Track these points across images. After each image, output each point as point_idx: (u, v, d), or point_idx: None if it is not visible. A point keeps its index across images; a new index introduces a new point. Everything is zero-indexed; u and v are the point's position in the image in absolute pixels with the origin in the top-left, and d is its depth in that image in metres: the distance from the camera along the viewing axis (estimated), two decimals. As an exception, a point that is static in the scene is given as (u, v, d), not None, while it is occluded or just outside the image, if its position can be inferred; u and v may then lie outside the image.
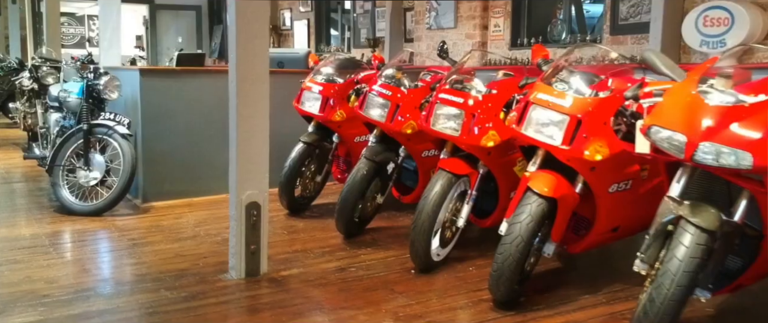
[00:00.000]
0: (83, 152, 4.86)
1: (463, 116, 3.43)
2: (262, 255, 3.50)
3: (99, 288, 3.31)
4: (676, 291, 2.22)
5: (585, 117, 2.85)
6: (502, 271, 2.88)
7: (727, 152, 2.20)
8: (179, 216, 4.82)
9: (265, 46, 3.42)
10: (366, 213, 4.26)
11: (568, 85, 2.99)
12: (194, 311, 3.00)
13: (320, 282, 3.40)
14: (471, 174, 3.52)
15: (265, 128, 3.44)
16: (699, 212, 2.31)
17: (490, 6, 6.87)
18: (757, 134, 2.19)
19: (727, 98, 2.32)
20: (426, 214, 3.40)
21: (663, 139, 2.37)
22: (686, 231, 2.27)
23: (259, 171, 3.44)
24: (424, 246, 3.44)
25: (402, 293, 3.24)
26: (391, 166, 4.18)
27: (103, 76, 5.03)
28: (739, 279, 2.59)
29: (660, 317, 2.25)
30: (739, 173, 2.25)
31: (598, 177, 2.94)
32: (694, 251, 2.23)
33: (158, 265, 3.66)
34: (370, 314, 2.97)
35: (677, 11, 4.87)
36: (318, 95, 4.65)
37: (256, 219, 3.45)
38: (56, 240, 4.21)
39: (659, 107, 2.46)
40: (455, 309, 3.05)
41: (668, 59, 2.66)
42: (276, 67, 6.21)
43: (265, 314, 2.99)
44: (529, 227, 2.85)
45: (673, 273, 2.23)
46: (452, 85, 3.58)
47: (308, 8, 10.39)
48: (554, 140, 2.90)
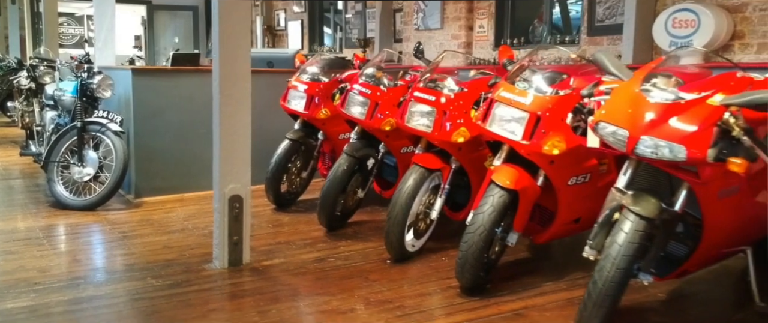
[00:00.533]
0: (77, 148, 5.05)
1: (435, 113, 3.61)
2: (245, 245, 3.68)
3: (89, 277, 3.50)
4: (616, 273, 2.40)
5: (544, 114, 3.03)
6: (466, 258, 3.06)
7: (663, 145, 2.38)
8: (169, 210, 5.00)
9: (246, 47, 3.60)
10: (347, 207, 4.44)
11: (529, 84, 3.17)
12: (177, 297, 3.18)
13: (299, 271, 3.58)
14: (443, 169, 3.70)
15: (247, 125, 3.62)
16: (640, 202, 2.49)
17: (475, 7, 7.05)
18: (691, 128, 2.36)
19: (667, 95, 2.50)
20: (399, 206, 3.58)
21: (609, 134, 2.54)
22: (627, 219, 2.45)
23: (241, 166, 3.63)
24: (398, 237, 3.62)
25: (376, 281, 3.42)
26: (371, 161, 4.36)
27: (97, 76, 5.21)
28: (684, 265, 2.76)
29: (602, 298, 2.43)
30: (676, 165, 2.42)
31: (557, 171, 3.12)
32: (633, 236, 2.41)
33: (146, 256, 3.85)
34: (343, 299, 3.15)
35: (649, 13, 5.05)
36: (303, 93, 4.82)
37: (239, 211, 3.63)
38: (50, 233, 4.38)
39: (606, 104, 2.64)
40: (424, 294, 3.23)
41: (616, 60, 2.84)
42: (266, 67, 6.41)
43: (244, 300, 3.18)
44: (492, 217, 3.03)
45: (613, 257, 2.41)
46: (426, 84, 3.76)
47: (302, 9, 10.57)
48: (515, 135, 3.07)
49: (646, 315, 2.98)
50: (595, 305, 2.46)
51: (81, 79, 5.21)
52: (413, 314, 2.96)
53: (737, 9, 4.86)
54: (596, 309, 2.46)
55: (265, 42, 11.40)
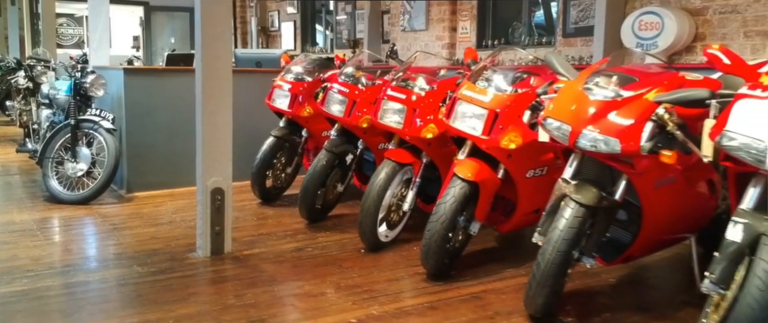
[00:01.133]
0: (71, 145, 5.26)
1: (405, 110, 3.82)
2: (226, 235, 3.89)
3: (79, 265, 3.71)
4: (557, 256, 2.61)
5: (502, 111, 3.24)
6: (429, 246, 3.28)
7: (601, 139, 2.59)
8: (159, 204, 5.22)
9: (228, 48, 3.81)
10: (328, 201, 4.65)
11: (489, 83, 3.38)
12: (161, 283, 3.39)
13: (278, 260, 3.79)
14: (414, 163, 3.91)
15: (228, 122, 3.83)
16: (581, 191, 2.70)
17: (458, 9, 7.27)
18: (626, 123, 2.58)
19: (607, 93, 2.71)
20: (371, 199, 3.79)
21: (554, 129, 2.76)
22: (568, 206, 2.67)
23: (223, 160, 3.84)
24: (370, 227, 3.84)
25: (349, 268, 3.63)
26: (350, 157, 4.57)
27: (90, 75, 5.43)
28: (628, 250, 2.97)
29: (545, 278, 2.65)
30: (613, 157, 2.64)
31: (515, 164, 3.33)
32: (573, 222, 2.63)
33: (134, 246, 4.06)
34: (315, 284, 3.36)
35: (618, 16, 5.26)
36: (287, 92, 5.03)
37: (221, 203, 3.84)
38: (44, 225, 4.60)
39: (553, 101, 2.85)
40: (392, 280, 3.44)
41: (564, 61, 3.05)
42: (254, 67, 6.63)
43: (223, 285, 3.40)
44: (453, 207, 3.24)
45: (554, 241, 2.63)
46: (398, 83, 3.97)
47: (295, 10, 10.79)
48: (476, 131, 3.29)
49: (595, 298, 3.20)
50: (538, 285, 2.68)
51: (75, 78, 5.42)
52: (379, 297, 3.17)
53: (699, 12, 5.08)
54: (540, 288, 2.68)
55: (260, 42, 11.61)
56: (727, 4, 4.92)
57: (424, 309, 3.04)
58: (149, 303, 3.12)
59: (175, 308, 3.03)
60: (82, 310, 3.03)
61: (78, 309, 3.05)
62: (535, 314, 2.83)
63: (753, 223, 2.12)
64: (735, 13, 4.90)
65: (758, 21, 4.77)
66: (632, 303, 3.13)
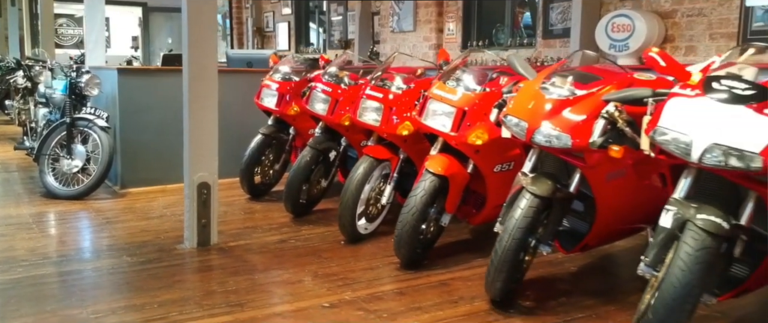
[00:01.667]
0: (67, 142, 5.46)
1: (382, 109, 4.02)
2: (213, 228, 4.09)
3: (71, 255, 3.91)
4: (512, 243, 2.81)
5: (470, 109, 3.44)
6: (401, 236, 3.47)
7: (554, 135, 2.78)
8: (151, 200, 5.42)
9: (213, 49, 4.01)
10: (312, 195, 4.84)
11: (459, 82, 3.57)
12: (148, 271, 3.59)
13: (261, 251, 3.99)
14: (392, 159, 4.11)
15: (214, 120, 4.03)
16: (537, 183, 2.89)
17: (445, 11, 7.47)
18: (577, 119, 2.77)
19: (562, 91, 2.91)
20: (350, 193, 3.99)
21: (513, 125, 2.95)
22: (524, 197, 2.86)
23: (209, 156, 4.04)
24: (349, 220, 4.03)
25: (328, 258, 3.83)
26: (334, 154, 4.77)
27: (85, 75, 5.63)
28: (585, 239, 3.17)
29: (501, 264, 2.84)
30: (565, 152, 2.83)
31: (483, 159, 3.52)
32: (528, 212, 2.82)
33: (125, 238, 4.26)
34: (294, 273, 3.56)
35: (593, 19, 5.45)
36: (275, 91, 5.22)
37: (207, 197, 4.04)
38: (40, 219, 4.79)
39: (513, 99, 3.05)
40: (367, 269, 3.64)
41: (524, 62, 3.25)
42: (245, 67, 6.83)
43: (207, 273, 3.60)
44: (423, 199, 3.44)
45: (510, 229, 2.82)
46: (376, 83, 4.16)
47: (289, 11, 10.99)
48: (445, 127, 3.48)
49: (555, 284, 3.39)
50: (496, 270, 2.87)
51: (70, 78, 5.62)
52: (353, 284, 3.37)
53: (668, 15, 5.27)
54: (497, 273, 2.87)
55: (255, 43, 11.81)
56: (694, 8, 5.12)
57: (394, 294, 3.24)
58: (136, 290, 3.32)
59: (160, 294, 3.22)
60: (73, 296, 3.23)
61: (70, 294, 3.24)
62: (495, 297, 3.02)
63: (681, 210, 2.31)
64: (701, 16, 5.10)
65: (722, 24, 4.97)
66: (589, 288, 3.33)
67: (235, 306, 3.06)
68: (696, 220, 2.24)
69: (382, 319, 2.91)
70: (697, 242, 2.20)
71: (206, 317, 2.94)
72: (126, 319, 2.92)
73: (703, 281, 2.19)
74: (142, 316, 2.95)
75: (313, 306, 3.08)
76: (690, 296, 2.19)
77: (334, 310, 3.02)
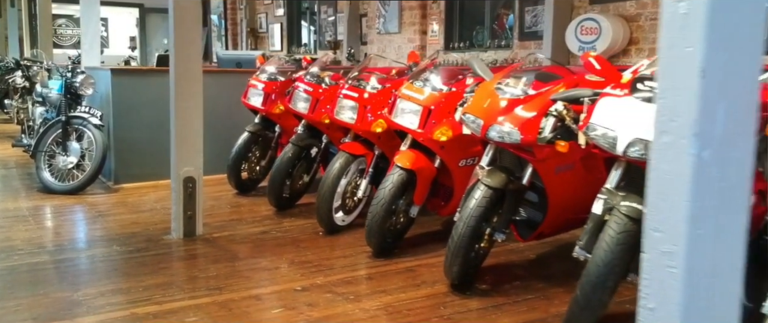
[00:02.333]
0: (62, 140, 5.71)
1: (358, 107, 4.26)
2: (198, 219, 4.34)
3: (65, 245, 4.16)
4: (467, 230, 3.05)
5: (435, 107, 3.68)
6: (371, 226, 3.72)
7: (505, 131, 3.03)
8: (143, 194, 5.66)
9: (198, 52, 4.26)
10: (295, 190, 5.09)
11: (426, 82, 3.82)
12: (135, 259, 3.84)
13: (243, 241, 4.23)
14: (367, 155, 4.35)
15: (199, 118, 4.27)
16: (491, 175, 3.14)
17: (428, 14, 7.72)
18: (526, 117, 3.02)
19: (515, 91, 3.15)
20: (326, 186, 4.23)
21: (470, 122, 3.20)
22: (478, 188, 3.11)
23: (194, 152, 4.29)
24: (326, 212, 4.28)
25: (305, 248, 4.07)
26: (315, 150, 5.02)
27: (80, 75, 5.88)
28: (539, 228, 3.41)
29: (457, 249, 3.09)
30: (516, 147, 3.08)
31: (448, 154, 3.77)
32: (481, 202, 3.07)
33: (116, 229, 4.50)
34: (271, 261, 3.81)
35: (564, 21, 5.70)
36: (261, 91, 5.46)
37: (192, 190, 4.29)
38: (36, 212, 5.04)
39: (472, 98, 3.30)
40: (341, 257, 3.88)
41: (482, 64, 3.49)
42: (235, 67, 7.07)
43: (190, 261, 3.85)
44: (392, 192, 3.68)
45: (465, 218, 3.07)
46: (352, 82, 4.41)
47: (282, 13, 11.24)
48: (413, 125, 3.73)
49: (512, 270, 3.64)
50: (453, 255, 3.12)
51: (66, 78, 5.87)
52: (325, 270, 3.62)
53: (633, 18, 5.52)
54: (454, 258, 3.12)
55: (249, 43, 12.06)
56: (657, 12, 5.35)
57: (363, 279, 3.49)
58: (124, 276, 3.56)
59: (146, 279, 3.47)
60: (65, 281, 3.47)
61: (63, 279, 3.49)
62: (454, 281, 3.27)
63: (610, 198, 2.56)
64: (663, 20, 5.33)
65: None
66: (542, 274, 3.57)
67: (214, 290, 3.31)
68: (620, 207, 2.49)
69: (348, 300, 3.16)
70: (619, 226, 2.45)
71: (187, 299, 3.19)
72: (113, 301, 3.16)
73: (624, 260, 2.44)
74: (127, 298, 3.20)
75: (286, 290, 3.32)
76: (611, 274, 2.44)
77: (304, 293, 3.27)
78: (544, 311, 3.04)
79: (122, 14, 15.75)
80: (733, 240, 1.33)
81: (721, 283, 1.33)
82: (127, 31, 16.13)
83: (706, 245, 1.30)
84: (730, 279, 1.34)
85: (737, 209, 1.32)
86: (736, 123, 1.29)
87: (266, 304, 3.13)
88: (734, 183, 1.31)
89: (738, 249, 1.34)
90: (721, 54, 1.25)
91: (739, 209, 1.33)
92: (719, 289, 1.33)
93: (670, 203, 1.31)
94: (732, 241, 1.33)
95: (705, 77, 1.24)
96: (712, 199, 1.29)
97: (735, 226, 1.33)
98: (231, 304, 3.11)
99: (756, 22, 1.29)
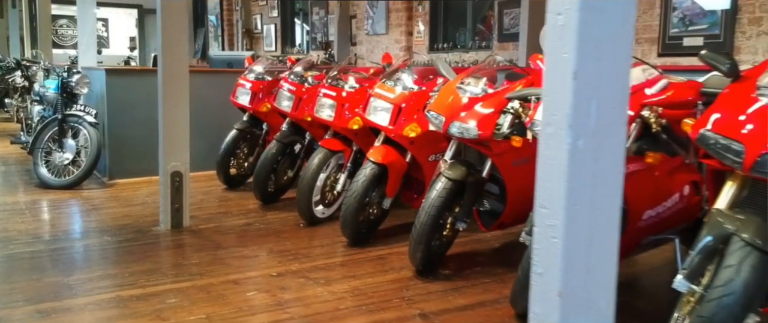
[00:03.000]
0: (58, 137, 5.96)
1: (335, 105, 4.50)
2: (185, 212, 4.58)
3: (57, 236, 4.40)
4: (427, 219, 3.30)
5: (406, 105, 3.92)
6: (345, 217, 3.96)
7: (464, 127, 3.27)
8: (136, 189, 5.91)
9: (184, 52, 4.49)
10: (280, 184, 5.33)
11: (398, 82, 4.06)
12: (124, 248, 4.08)
13: (227, 232, 4.48)
14: (345, 151, 4.60)
15: (185, 115, 4.52)
16: (452, 168, 3.38)
17: (414, 15, 7.97)
18: (483, 113, 3.25)
19: (475, 90, 3.39)
20: (306, 181, 4.48)
21: (433, 119, 3.44)
22: (439, 180, 3.35)
23: (181, 148, 4.53)
24: (306, 205, 4.52)
25: (286, 238, 4.32)
26: (298, 147, 5.26)
27: (75, 75, 6.14)
28: (500, 218, 3.65)
29: (420, 237, 3.33)
30: (474, 142, 3.31)
31: (418, 149, 4.01)
32: (441, 193, 3.31)
33: (108, 222, 4.75)
34: (253, 249, 4.05)
35: (539, 23, 5.93)
36: (249, 90, 5.70)
37: (179, 184, 4.53)
38: (33, 206, 5.29)
39: (436, 97, 3.54)
40: (318, 246, 4.13)
41: (446, 65, 3.74)
42: (226, 67, 7.32)
43: (176, 250, 4.09)
44: (364, 184, 3.92)
45: (426, 207, 3.31)
46: (330, 82, 4.65)
47: (276, 14, 11.51)
48: (384, 122, 3.97)
49: (475, 257, 3.88)
50: (416, 242, 3.36)
51: (62, 77, 6.12)
52: (301, 258, 3.86)
53: (602, 20, 5.75)
54: (417, 245, 3.36)
55: (244, 43, 12.32)
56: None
57: (335, 266, 3.73)
58: (113, 263, 3.81)
59: (133, 266, 3.72)
60: (57, 267, 3.71)
61: (56, 266, 3.73)
62: (418, 267, 3.51)
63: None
64: (629, 22, 5.58)
65: (646, 30, 5.45)
66: (503, 261, 3.81)
67: (196, 275, 3.55)
68: None
69: (318, 284, 3.40)
70: None
71: (169, 283, 3.43)
72: (100, 285, 3.41)
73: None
74: (114, 282, 3.44)
75: (262, 275, 3.57)
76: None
77: (279, 278, 3.51)
78: (498, 293, 3.27)
79: (122, 15, 16.02)
80: (607, 215, 1.57)
81: (597, 251, 1.57)
82: (127, 32, 16.39)
83: (582, 219, 1.54)
84: (605, 248, 1.58)
85: (610, 189, 1.56)
86: (607, 117, 1.53)
87: (242, 288, 3.37)
88: (606, 167, 1.54)
89: (612, 223, 1.58)
90: (591, 59, 1.49)
91: (612, 189, 1.57)
92: (596, 256, 1.57)
93: (552, 183, 1.55)
94: (606, 216, 1.57)
95: (577, 79, 1.48)
96: (586, 180, 1.52)
97: (609, 203, 1.57)
98: (210, 288, 3.35)
99: (624, 32, 1.53)
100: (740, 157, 2.04)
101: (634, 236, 3.01)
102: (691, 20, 5.15)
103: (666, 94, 2.68)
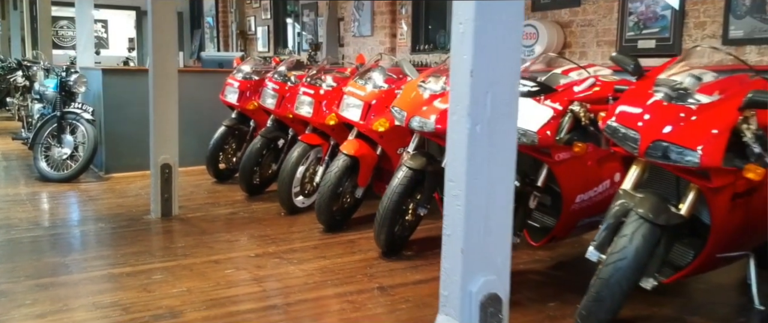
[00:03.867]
0: (57, 133, 6.31)
1: (314, 103, 4.86)
2: (174, 202, 4.93)
3: (56, 223, 4.76)
4: (390, 204, 3.64)
5: (376, 102, 4.27)
6: (320, 204, 4.31)
7: (424, 121, 3.61)
8: (131, 182, 6.26)
9: (173, 53, 4.85)
10: (264, 177, 5.68)
11: (369, 80, 4.41)
12: (117, 234, 4.43)
13: (213, 220, 4.83)
14: (323, 145, 4.95)
15: (174, 111, 4.86)
16: (413, 159, 3.73)
17: (397, 18, 8.33)
18: (441, 108, 3.60)
19: (434, 87, 3.74)
20: (286, 173, 4.83)
21: (396, 114, 3.79)
22: (401, 169, 3.70)
23: (170, 141, 4.88)
24: (286, 195, 4.87)
25: (266, 225, 4.66)
26: (281, 142, 5.61)
27: (73, 74, 6.49)
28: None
29: (383, 220, 3.68)
30: (433, 135, 3.66)
31: (387, 143, 4.36)
32: (402, 181, 3.65)
33: (103, 211, 5.10)
34: (234, 234, 4.40)
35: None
36: (237, 89, 6.05)
37: (169, 176, 4.88)
38: (33, 197, 5.64)
39: (400, 94, 3.89)
40: (295, 232, 4.47)
41: (410, 65, 4.09)
42: (217, 67, 7.67)
43: (163, 235, 4.44)
44: (337, 175, 4.27)
45: (389, 194, 3.66)
46: (310, 81, 5.00)
47: (268, 16, 11.87)
48: (356, 117, 4.32)
49: (438, 241, 4.21)
50: (380, 225, 3.71)
51: (61, 77, 6.48)
52: (279, 242, 4.21)
53: (567, 25, 6.12)
54: (381, 228, 3.71)
55: (238, 45, 12.68)
56: (585, 19, 5.96)
57: (308, 248, 4.08)
58: (106, 246, 4.16)
59: (124, 248, 4.07)
60: (55, 250, 4.06)
61: (53, 249, 4.08)
62: (383, 248, 3.86)
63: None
64: (590, 27, 5.94)
65: (606, 33, 5.81)
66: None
67: (181, 256, 3.90)
68: None
69: (292, 264, 3.75)
70: None
71: (157, 263, 3.78)
72: (94, 264, 3.76)
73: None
74: (106, 262, 3.79)
75: (241, 256, 3.92)
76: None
77: (256, 258, 3.86)
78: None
79: (121, 16, 16.37)
80: (502, 187, 1.92)
81: (493, 217, 1.92)
82: (126, 33, 16.75)
83: (481, 190, 1.89)
84: (500, 215, 1.93)
85: (503, 166, 1.91)
86: (500, 108, 1.87)
87: (222, 266, 3.72)
88: (500, 148, 1.89)
89: (507, 194, 1.93)
90: (485, 60, 1.84)
91: (505, 167, 1.91)
92: (493, 222, 1.92)
93: (457, 161, 1.90)
94: (501, 188, 1.92)
95: (473, 76, 1.83)
96: (483, 158, 1.87)
97: (503, 178, 1.92)
98: (192, 266, 3.70)
99: (513, 38, 1.88)
100: (637, 144, 2.39)
101: (570, 218, 3.36)
102: (645, 24, 5.50)
103: (592, 90, 3.03)
